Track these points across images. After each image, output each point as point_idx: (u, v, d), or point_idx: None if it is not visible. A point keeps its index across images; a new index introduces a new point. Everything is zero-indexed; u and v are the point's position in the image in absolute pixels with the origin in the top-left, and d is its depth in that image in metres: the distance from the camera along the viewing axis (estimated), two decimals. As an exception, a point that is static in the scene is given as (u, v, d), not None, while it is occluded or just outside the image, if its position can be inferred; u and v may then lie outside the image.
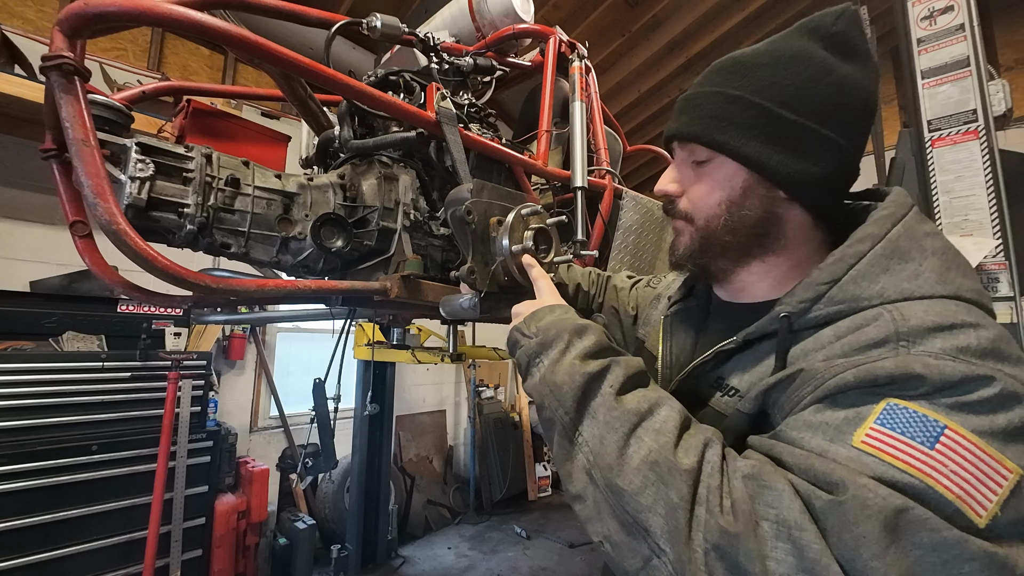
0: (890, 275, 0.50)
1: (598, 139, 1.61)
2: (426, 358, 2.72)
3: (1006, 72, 4.82)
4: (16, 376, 2.07)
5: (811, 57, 0.55)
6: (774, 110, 0.55)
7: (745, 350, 0.58)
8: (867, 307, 0.49)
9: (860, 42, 0.56)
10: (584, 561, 3.83)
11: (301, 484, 3.75)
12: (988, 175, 1.43)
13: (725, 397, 0.58)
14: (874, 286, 0.50)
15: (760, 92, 0.55)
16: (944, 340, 0.43)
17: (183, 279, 0.72)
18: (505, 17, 1.67)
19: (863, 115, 0.55)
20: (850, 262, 0.51)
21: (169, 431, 2.31)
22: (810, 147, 0.54)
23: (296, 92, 1.12)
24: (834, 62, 0.54)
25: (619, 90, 4.87)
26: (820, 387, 0.46)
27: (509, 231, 0.74)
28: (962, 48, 1.50)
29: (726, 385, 0.59)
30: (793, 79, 0.55)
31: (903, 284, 0.49)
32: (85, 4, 0.63)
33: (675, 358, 0.70)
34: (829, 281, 0.51)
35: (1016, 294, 1.39)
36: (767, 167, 0.56)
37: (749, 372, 0.57)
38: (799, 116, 0.54)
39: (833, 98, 0.54)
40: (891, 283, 0.49)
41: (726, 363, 0.60)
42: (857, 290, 0.50)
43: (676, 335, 0.72)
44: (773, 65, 0.56)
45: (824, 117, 0.54)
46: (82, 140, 0.65)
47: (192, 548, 2.46)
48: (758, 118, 0.55)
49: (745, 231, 0.59)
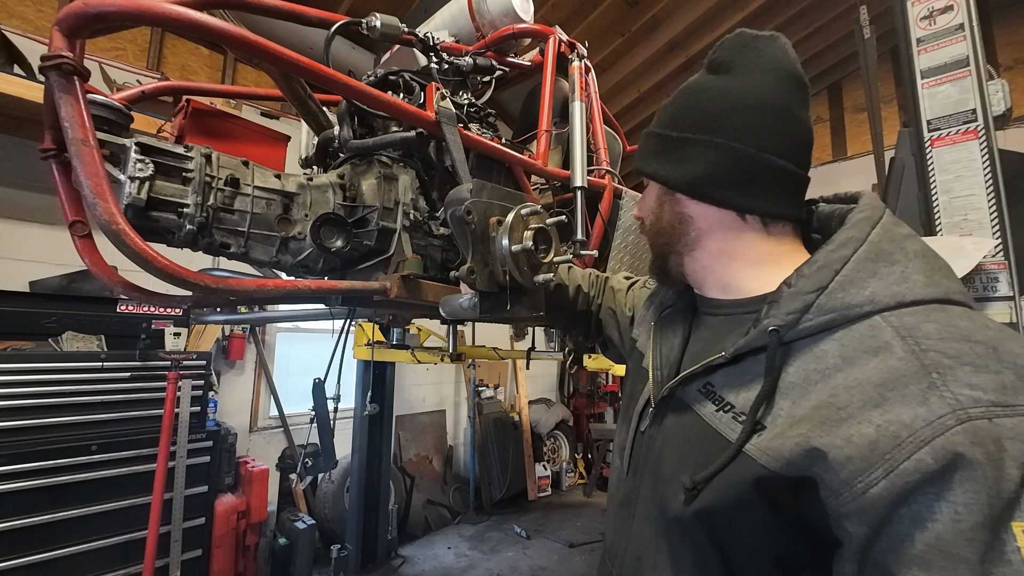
0: (878, 279, 0.49)
1: (598, 139, 1.61)
2: (426, 358, 2.72)
3: (1005, 72, 4.83)
4: (15, 376, 2.07)
5: (690, 85, 0.68)
6: (664, 133, 0.68)
7: (736, 363, 0.58)
8: (860, 314, 0.49)
9: (733, 58, 0.65)
10: (584, 561, 3.84)
11: (301, 484, 3.75)
12: (987, 175, 1.43)
13: (721, 412, 0.57)
14: (864, 292, 0.49)
15: (660, 123, 0.70)
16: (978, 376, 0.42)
17: (182, 279, 0.71)
18: (505, 17, 1.67)
19: (745, 113, 0.61)
20: (835, 267, 0.51)
21: (169, 431, 2.31)
22: (690, 153, 0.64)
23: (296, 92, 1.12)
24: (709, 81, 0.66)
25: (619, 90, 4.87)
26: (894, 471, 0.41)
27: (509, 231, 0.74)
28: (961, 48, 1.50)
29: (719, 398, 0.58)
30: (678, 105, 0.68)
31: (893, 288, 0.49)
32: (84, 4, 0.63)
33: (664, 359, 0.71)
34: (816, 289, 0.51)
35: (1015, 294, 1.39)
36: (664, 178, 0.68)
37: (745, 388, 0.55)
38: (679, 131, 0.66)
39: (707, 108, 0.64)
40: (880, 287, 0.49)
41: (715, 372, 0.60)
42: (847, 297, 0.50)
43: (665, 338, 0.74)
44: (667, 103, 0.70)
45: (699, 126, 0.64)
46: (81, 140, 0.65)
47: (192, 548, 2.46)
48: (657, 144, 0.69)
49: (666, 232, 0.69)
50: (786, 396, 0.50)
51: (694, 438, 0.59)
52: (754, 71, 0.63)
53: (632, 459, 0.71)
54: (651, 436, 0.67)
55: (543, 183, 1.53)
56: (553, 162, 1.58)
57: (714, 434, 0.56)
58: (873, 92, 2.56)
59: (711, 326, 0.68)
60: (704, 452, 0.56)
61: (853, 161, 5.76)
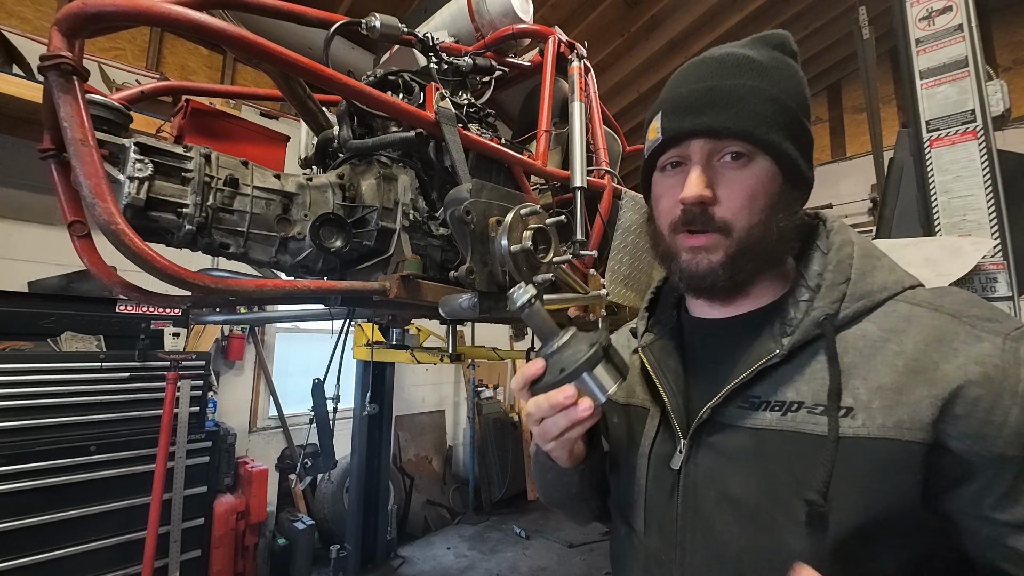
0: (878, 271, 0.56)
1: (597, 139, 1.61)
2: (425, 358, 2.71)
3: (1004, 72, 4.84)
4: (14, 376, 2.06)
5: (791, 65, 0.60)
6: (798, 115, 0.57)
7: (784, 362, 0.54)
8: (879, 300, 0.54)
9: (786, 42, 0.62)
10: (583, 561, 3.84)
11: (300, 484, 3.75)
12: (986, 175, 1.43)
13: (791, 414, 0.52)
14: (875, 282, 0.55)
15: (787, 95, 0.57)
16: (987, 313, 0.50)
17: (182, 279, 0.71)
18: (504, 17, 1.67)
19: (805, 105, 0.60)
20: (848, 263, 0.56)
21: (168, 431, 2.31)
22: (810, 152, 0.60)
23: (295, 92, 1.11)
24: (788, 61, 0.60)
25: (618, 90, 4.87)
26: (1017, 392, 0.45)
27: (508, 231, 0.74)
28: (960, 48, 1.50)
29: (779, 402, 0.53)
30: (797, 85, 0.58)
31: (890, 277, 0.56)
32: (83, 4, 0.63)
33: (675, 386, 0.62)
34: (844, 281, 0.55)
35: (1014, 294, 1.39)
36: (799, 170, 0.58)
37: (804, 383, 0.52)
38: (807, 120, 0.59)
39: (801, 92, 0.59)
40: (884, 277, 0.56)
41: (759, 380, 0.55)
42: (866, 286, 0.55)
43: (664, 364, 0.65)
44: (780, 68, 0.59)
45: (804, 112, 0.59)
46: (80, 140, 0.65)
47: (191, 548, 2.46)
48: (790, 121, 0.56)
49: (781, 237, 0.57)
50: (853, 376, 0.51)
51: (771, 453, 0.52)
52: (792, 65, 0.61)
53: (649, 512, 0.61)
54: (687, 475, 0.57)
55: (543, 183, 1.53)
56: (553, 162, 1.59)
57: (799, 437, 0.50)
58: (872, 92, 2.56)
59: (722, 345, 0.61)
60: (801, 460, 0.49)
61: (852, 161, 5.77)
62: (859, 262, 0.56)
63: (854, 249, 0.57)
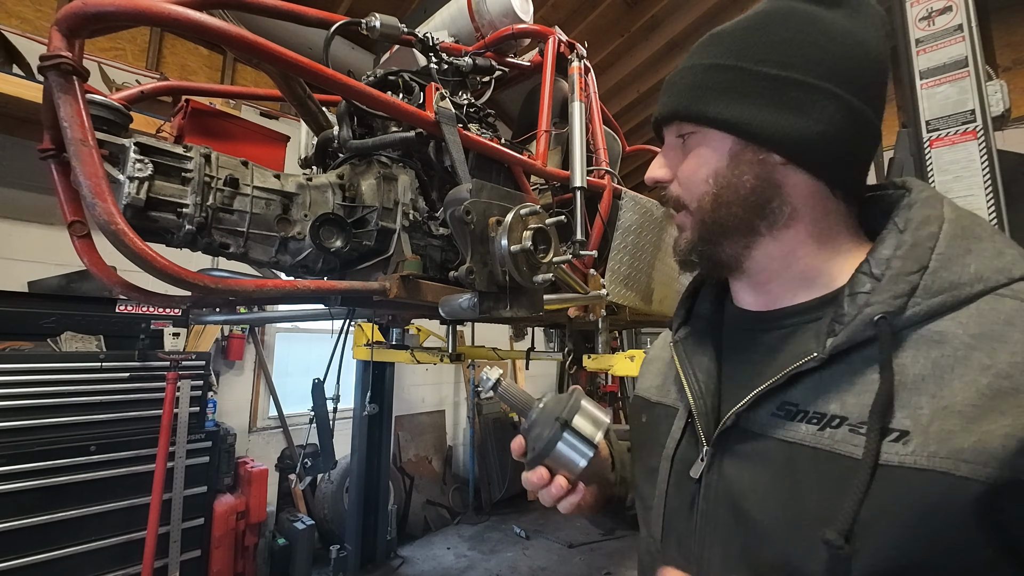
0: (975, 256, 0.44)
1: (597, 139, 1.61)
2: (425, 358, 2.71)
3: (1004, 72, 4.84)
4: (14, 376, 2.06)
5: (792, 11, 0.51)
6: (752, 68, 0.50)
7: (827, 367, 0.46)
8: (970, 294, 0.43)
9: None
10: (583, 561, 3.84)
11: (300, 484, 3.75)
12: (986, 175, 1.43)
13: (829, 430, 0.44)
14: (967, 269, 0.43)
15: (735, 55, 0.52)
16: None
17: (182, 279, 0.71)
18: (504, 17, 1.67)
19: (865, 63, 0.50)
20: (928, 245, 0.45)
21: (168, 431, 2.31)
22: (801, 100, 0.49)
23: (295, 92, 1.12)
24: (818, 11, 0.51)
25: (618, 90, 4.87)
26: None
27: (508, 231, 0.74)
28: (960, 48, 1.50)
29: (818, 414, 0.45)
30: (772, 35, 0.51)
31: (994, 263, 0.44)
32: (83, 3, 0.63)
33: (704, 387, 0.56)
34: (918, 269, 0.44)
35: (1014, 294, 1.39)
36: (751, 127, 0.50)
37: (852, 394, 0.44)
38: (783, 69, 0.49)
39: (826, 47, 0.49)
40: (982, 264, 0.44)
41: (795, 385, 0.48)
42: (952, 276, 0.43)
43: (695, 360, 0.59)
44: (749, 28, 0.53)
45: (817, 67, 0.49)
46: (80, 140, 0.65)
47: (191, 548, 2.46)
48: (735, 79, 0.51)
49: (740, 203, 0.52)
50: (918, 391, 0.41)
51: (800, 472, 0.45)
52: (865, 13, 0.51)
53: (668, 522, 0.56)
54: (708, 485, 0.52)
55: (543, 183, 1.53)
56: (553, 162, 1.59)
57: (836, 459, 0.43)
58: (872, 92, 2.56)
59: (762, 342, 0.55)
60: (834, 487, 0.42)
61: (852, 161, 5.77)
62: (946, 245, 0.44)
63: (942, 228, 0.45)
